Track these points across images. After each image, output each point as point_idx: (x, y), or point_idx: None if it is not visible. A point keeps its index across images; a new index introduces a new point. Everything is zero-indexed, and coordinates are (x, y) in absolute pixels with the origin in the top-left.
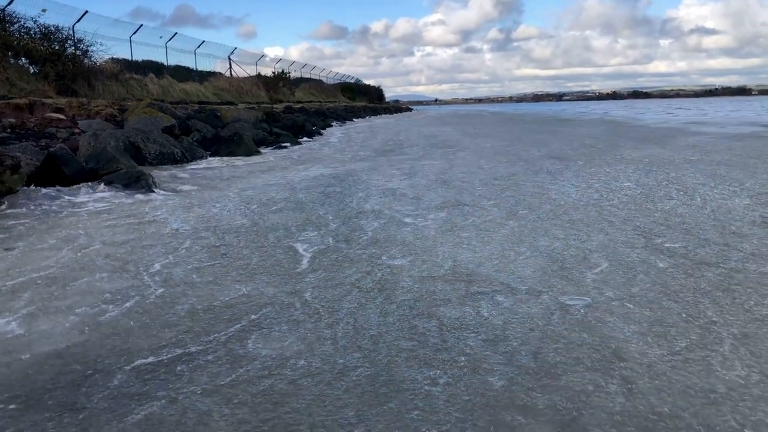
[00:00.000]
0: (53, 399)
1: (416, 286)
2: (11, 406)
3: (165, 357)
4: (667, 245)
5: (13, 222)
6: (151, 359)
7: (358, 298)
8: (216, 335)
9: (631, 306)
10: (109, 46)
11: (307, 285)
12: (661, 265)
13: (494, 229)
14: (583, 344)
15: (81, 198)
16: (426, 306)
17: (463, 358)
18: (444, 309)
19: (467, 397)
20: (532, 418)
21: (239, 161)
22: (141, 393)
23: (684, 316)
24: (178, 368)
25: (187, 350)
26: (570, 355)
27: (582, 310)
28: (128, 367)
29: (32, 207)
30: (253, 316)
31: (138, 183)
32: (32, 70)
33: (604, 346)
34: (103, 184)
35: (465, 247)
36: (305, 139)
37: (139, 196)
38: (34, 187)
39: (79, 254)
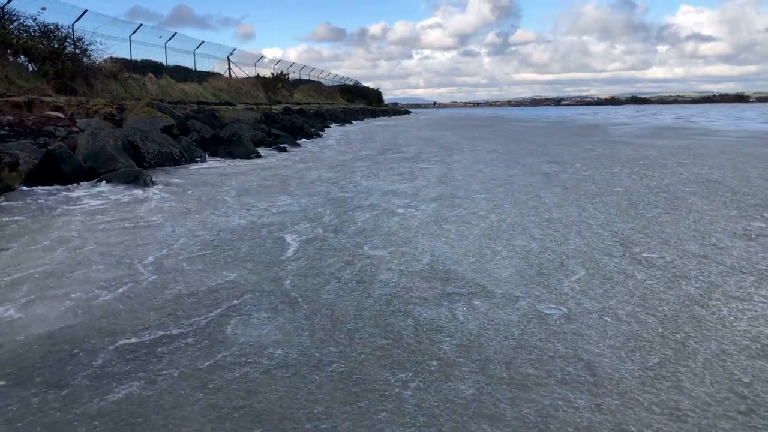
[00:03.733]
0: (41, 376)
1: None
2: (1, 383)
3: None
4: None
5: (10, 219)
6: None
7: (337, 289)
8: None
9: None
10: (108, 45)
11: (288, 273)
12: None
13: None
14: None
15: (78, 195)
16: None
17: (435, 363)
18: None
19: (436, 403)
20: (498, 428)
21: (238, 162)
22: (122, 373)
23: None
24: (159, 350)
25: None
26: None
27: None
28: (112, 347)
29: (30, 205)
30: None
31: (136, 182)
32: (31, 68)
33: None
34: (101, 182)
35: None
36: (304, 140)
37: (137, 195)
38: (32, 185)
39: (74, 252)
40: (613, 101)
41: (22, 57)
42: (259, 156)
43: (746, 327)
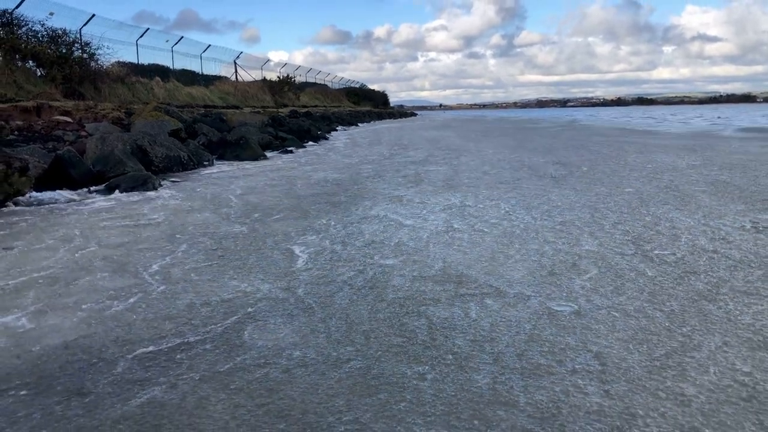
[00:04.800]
0: (61, 385)
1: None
2: (22, 392)
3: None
4: None
5: (22, 224)
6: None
7: (351, 294)
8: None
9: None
10: (115, 50)
11: (301, 282)
12: None
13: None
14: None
15: (87, 200)
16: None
17: (450, 356)
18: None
19: (453, 392)
20: (513, 414)
21: (246, 165)
22: (143, 379)
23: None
24: (178, 356)
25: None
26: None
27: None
28: (131, 356)
29: (40, 209)
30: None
31: (144, 186)
32: (39, 73)
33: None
34: (110, 187)
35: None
36: (311, 143)
37: (146, 200)
38: (41, 190)
39: (78, 254)
40: (619, 102)
41: (30, 62)
42: (267, 159)
43: (750, 321)
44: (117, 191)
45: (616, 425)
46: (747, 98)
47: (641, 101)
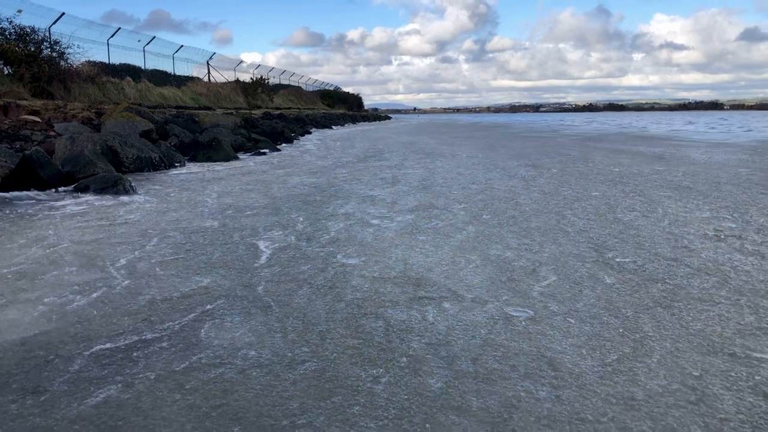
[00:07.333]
0: (17, 382)
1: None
2: None
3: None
4: None
5: None
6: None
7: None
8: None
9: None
10: (86, 49)
11: (261, 279)
12: None
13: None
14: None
15: (56, 201)
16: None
17: (405, 359)
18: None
19: (406, 396)
20: (465, 418)
21: (218, 167)
22: (99, 377)
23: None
24: (135, 354)
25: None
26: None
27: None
28: (88, 353)
29: (5, 209)
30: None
31: (115, 187)
32: (6, 72)
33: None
34: (79, 188)
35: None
36: (284, 145)
37: (116, 200)
38: (7, 191)
39: (48, 251)
40: (590, 108)
41: None
42: (239, 161)
43: (701, 327)
44: (87, 192)
45: (566, 430)
46: (715, 105)
47: (612, 107)
